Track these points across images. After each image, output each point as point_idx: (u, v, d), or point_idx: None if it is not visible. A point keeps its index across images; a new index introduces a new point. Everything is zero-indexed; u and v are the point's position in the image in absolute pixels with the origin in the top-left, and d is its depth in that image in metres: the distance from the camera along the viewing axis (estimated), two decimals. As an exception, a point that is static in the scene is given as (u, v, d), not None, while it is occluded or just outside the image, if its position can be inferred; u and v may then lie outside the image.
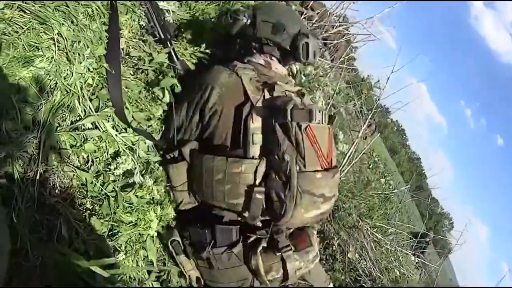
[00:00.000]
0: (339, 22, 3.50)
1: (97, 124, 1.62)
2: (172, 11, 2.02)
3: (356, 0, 3.39)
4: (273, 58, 1.95)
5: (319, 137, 1.65)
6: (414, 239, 5.51)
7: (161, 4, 2.01)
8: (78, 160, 1.56)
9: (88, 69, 1.65)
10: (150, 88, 1.83)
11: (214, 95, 1.76)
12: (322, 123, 1.69)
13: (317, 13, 3.54)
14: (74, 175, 1.53)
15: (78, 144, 1.56)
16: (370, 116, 3.93)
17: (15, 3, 1.42)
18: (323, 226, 3.62)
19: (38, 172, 1.41)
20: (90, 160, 1.59)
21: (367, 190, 4.73)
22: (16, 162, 1.36)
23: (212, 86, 1.77)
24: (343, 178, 3.79)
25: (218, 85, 1.77)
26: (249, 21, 1.88)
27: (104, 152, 1.62)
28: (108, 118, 1.65)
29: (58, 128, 1.52)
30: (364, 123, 3.93)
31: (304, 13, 3.49)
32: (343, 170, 3.67)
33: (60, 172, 1.49)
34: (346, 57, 3.81)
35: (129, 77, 1.78)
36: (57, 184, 1.47)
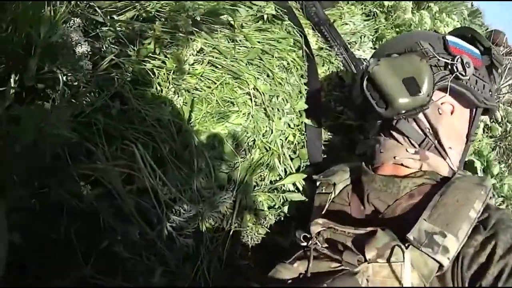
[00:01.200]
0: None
1: (298, 185, 1.37)
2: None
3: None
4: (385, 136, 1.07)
5: None
6: None
7: (357, 53, 1.75)
8: (276, 222, 1.27)
9: (289, 125, 1.41)
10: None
11: None
12: None
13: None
14: (269, 238, 1.23)
15: (277, 206, 1.28)
16: None
17: (205, 59, 1.30)
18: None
19: (231, 233, 1.19)
20: (289, 223, 1.27)
21: None
22: (207, 221, 1.17)
23: None
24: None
25: None
26: None
27: (306, 217, 1.32)
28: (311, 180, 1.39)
29: (256, 188, 1.27)
30: None
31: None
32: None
33: (254, 234, 1.21)
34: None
35: (333, 133, 1.52)
36: (250, 246, 1.20)
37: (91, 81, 1.06)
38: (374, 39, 1.91)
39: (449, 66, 0.97)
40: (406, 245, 0.80)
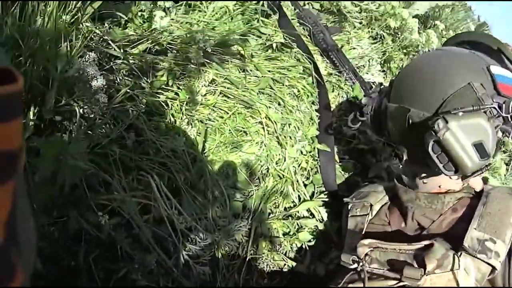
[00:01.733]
0: None
1: (312, 211, 1.40)
2: (380, 83, 1.77)
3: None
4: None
5: None
6: None
7: (366, 77, 1.79)
8: (291, 249, 1.29)
9: (301, 152, 1.44)
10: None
11: None
12: None
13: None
14: (285, 264, 1.26)
15: (291, 233, 1.31)
16: None
17: (217, 89, 1.35)
18: None
19: (246, 260, 1.21)
20: (304, 249, 1.31)
21: None
22: (223, 249, 1.19)
23: None
24: None
25: None
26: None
27: (321, 243, 1.34)
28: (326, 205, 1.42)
29: (271, 215, 1.30)
30: None
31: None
32: None
33: (270, 261, 1.23)
34: None
35: (344, 158, 1.56)
36: (265, 273, 1.23)
37: (106, 113, 1.11)
38: (382, 62, 1.97)
39: (503, 116, 0.98)
40: (459, 253, 0.89)
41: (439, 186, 1.06)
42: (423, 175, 1.07)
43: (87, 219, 1.00)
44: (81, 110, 1.05)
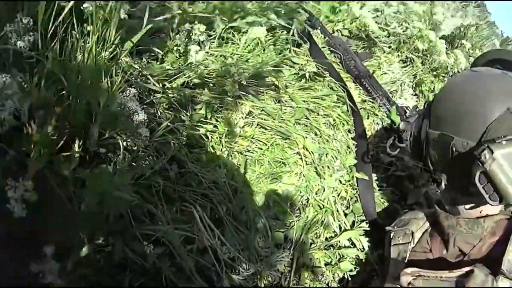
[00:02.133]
0: None
1: (353, 240, 1.40)
2: (415, 105, 1.76)
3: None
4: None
5: None
6: None
7: (399, 102, 1.81)
8: (333, 278, 1.30)
9: (340, 181, 1.47)
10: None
11: None
12: None
13: None
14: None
15: (333, 262, 1.32)
16: None
17: (254, 121, 1.39)
18: None
19: (290, 290, 1.21)
20: (346, 278, 1.32)
21: None
22: (265, 280, 1.19)
23: None
24: None
25: None
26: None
27: (363, 272, 1.35)
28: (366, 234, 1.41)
29: (312, 246, 1.32)
30: None
31: None
32: None
33: (311, 290, 1.26)
34: None
35: (382, 185, 1.57)
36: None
37: (149, 146, 1.15)
38: (413, 86, 1.99)
39: None
40: (498, 277, 0.91)
41: (480, 212, 1.07)
42: (468, 206, 1.08)
43: (132, 248, 1.02)
44: (124, 143, 1.09)
